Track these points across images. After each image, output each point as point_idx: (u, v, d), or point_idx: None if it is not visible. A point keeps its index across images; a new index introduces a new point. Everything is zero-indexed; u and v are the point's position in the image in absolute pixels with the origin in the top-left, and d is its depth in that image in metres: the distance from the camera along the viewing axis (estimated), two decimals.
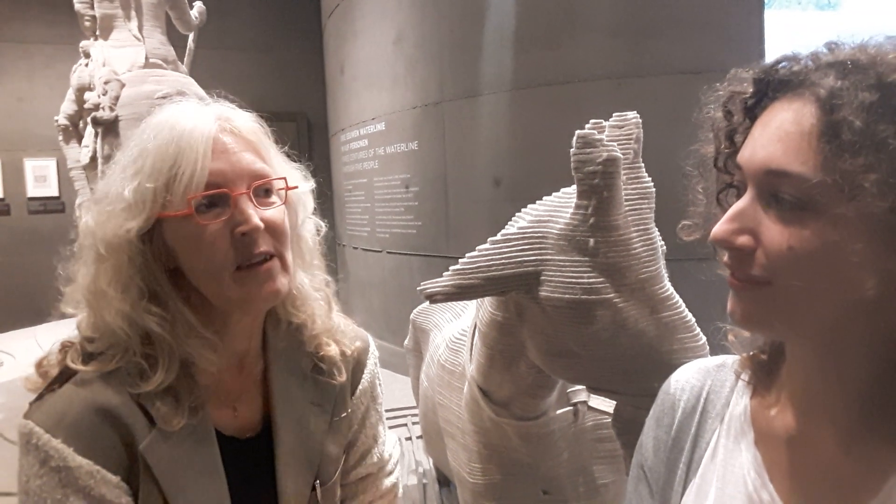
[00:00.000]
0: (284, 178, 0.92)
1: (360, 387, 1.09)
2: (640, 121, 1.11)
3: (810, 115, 0.58)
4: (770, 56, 0.67)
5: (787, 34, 3.42)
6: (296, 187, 0.95)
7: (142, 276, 0.85)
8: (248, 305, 0.90)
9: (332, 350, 1.03)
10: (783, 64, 0.63)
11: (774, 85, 0.63)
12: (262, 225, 0.85)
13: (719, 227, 0.63)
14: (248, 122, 0.91)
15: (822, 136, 0.56)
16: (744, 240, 0.62)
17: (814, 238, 0.57)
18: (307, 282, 1.01)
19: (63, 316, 0.92)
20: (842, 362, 0.62)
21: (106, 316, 0.84)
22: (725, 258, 0.65)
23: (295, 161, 1.00)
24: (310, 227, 1.02)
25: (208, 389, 0.91)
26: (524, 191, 3.80)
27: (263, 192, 0.89)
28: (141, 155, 0.84)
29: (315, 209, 1.02)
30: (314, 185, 1.01)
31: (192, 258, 0.86)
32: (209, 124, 0.85)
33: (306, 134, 7.30)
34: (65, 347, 0.89)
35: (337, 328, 1.05)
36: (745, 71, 0.69)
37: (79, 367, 0.85)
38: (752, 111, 0.66)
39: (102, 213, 0.85)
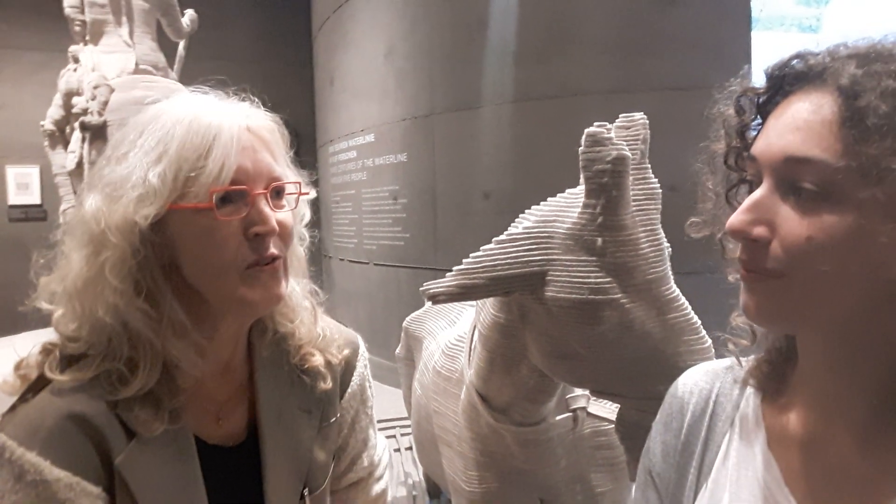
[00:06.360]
0: (299, 183, 0.92)
1: (349, 390, 1.07)
2: (647, 121, 1.11)
3: (831, 103, 0.58)
4: (757, 74, 0.68)
5: (772, 53, 3.50)
6: (307, 193, 0.95)
7: (139, 269, 0.81)
8: (248, 307, 0.87)
9: (317, 360, 1.01)
10: (797, 61, 0.64)
11: (789, 79, 0.64)
12: (277, 227, 0.85)
13: (735, 218, 0.62)
14: (266, 122, 0.91)
15: (844, 123, 0.56)
16: (760, 230, 0.61)
17: (835, 226, 0.56)
18: (298, 289, 1.00)
19: (44, 324, 0.88)
20: (855, 359, 0.62)
21: (97, 309, 0.80)
22: (738, 252, 0.65)
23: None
24: (303, 235, 1.01)
25: (189, 393, 0.87)
26: (513, 204, 3.81)
27: (276, 193, 0.88)
28: (163, 140, 0.80)
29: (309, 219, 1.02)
30: (315, 194, 1.01)
31: (199, 253, 0.83)
32: (238, 119, 0.85)
33: (295, 144, 7.28)
34: (45, 350, 0.85)
35: (322, 337, 1.03)
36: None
37: (56, 376, 0.81)
38: (765, 107, 0.67)
39: (114, 197, 0.79)
